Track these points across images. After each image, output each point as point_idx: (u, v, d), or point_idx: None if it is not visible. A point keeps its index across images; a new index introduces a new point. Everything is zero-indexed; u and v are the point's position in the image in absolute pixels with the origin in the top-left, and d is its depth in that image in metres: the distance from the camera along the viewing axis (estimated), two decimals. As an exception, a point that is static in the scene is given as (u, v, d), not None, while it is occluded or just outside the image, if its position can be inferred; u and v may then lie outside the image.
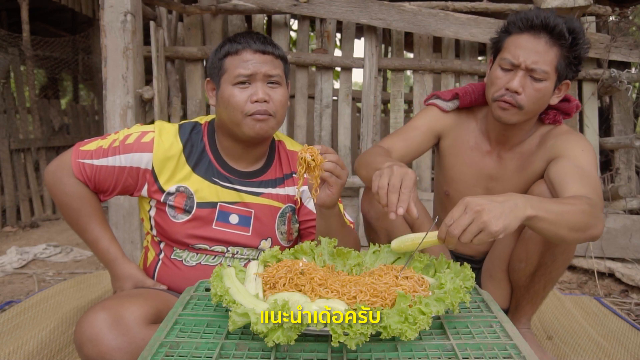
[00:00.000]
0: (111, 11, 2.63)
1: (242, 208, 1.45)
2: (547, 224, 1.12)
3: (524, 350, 0.87)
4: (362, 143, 3.07)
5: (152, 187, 1.41)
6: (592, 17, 2.94)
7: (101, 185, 1.42)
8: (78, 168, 1.39)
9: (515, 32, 1.43)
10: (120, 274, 1.45)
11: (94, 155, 1.39)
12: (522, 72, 1.40)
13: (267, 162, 1.52)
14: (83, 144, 1.43)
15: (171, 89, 3.04)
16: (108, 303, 1.19)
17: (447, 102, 1.66)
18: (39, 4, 5.40)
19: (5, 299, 2.42)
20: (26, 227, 4.07)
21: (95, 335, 1.11)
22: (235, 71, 1.35)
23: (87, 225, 1.44)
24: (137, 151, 1.39)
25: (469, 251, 1.74)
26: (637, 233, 2.75)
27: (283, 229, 1.51)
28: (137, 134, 1.42)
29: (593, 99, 2.96)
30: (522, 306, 1.62)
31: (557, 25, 1.37)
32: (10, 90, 4.68)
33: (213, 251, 1.45)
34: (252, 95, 1.34)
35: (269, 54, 1.38)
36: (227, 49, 1.38)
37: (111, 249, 1.45)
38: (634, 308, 2.37)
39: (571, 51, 1.41)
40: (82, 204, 1.42)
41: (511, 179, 1.59)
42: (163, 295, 1.37)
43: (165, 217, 1.42)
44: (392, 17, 2.88)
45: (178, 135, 1.43)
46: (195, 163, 1.43)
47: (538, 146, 1.54)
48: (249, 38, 1.38)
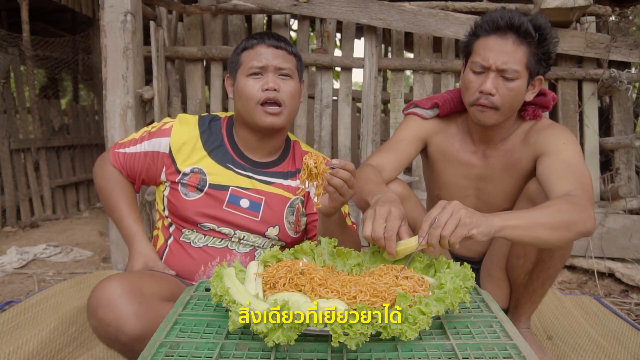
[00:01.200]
0: (111, 11, 2.63)
1: (253, 194, 1.52)
2: (521, 230, 1.16)
3: (524, 350, 0.88)
4: (362, 143, 3.07)
5: (169, 169, 1.51)
6: (592, 17, 2.94)
7: (132, 171, 1.56)
8: (114, 157, 1.57)
9: (483, 34, 1.45)
10: (136, 250, 1.52)
11: (127, 145, 1.57)
12: (493, 73, 1.42)
13: (282, 156, 1.60)
14: (121, 139, 1.61)
15: (171, 89, 3.04)
16: (125, 275, 1.23)
17: (426, 110, 1.68)
18: (39, 4, 5.40)
19: (5, 299, 2.43)
20: (26, 227, 4.07)
21: (113, 300, 1.13)
22: (250, 63, 1.46)
23: (116, 204, 1.56)
24: (157, 136, 1.53)
25: (468, 252, 1.75)
26: (637, 233, 2.75)
27: (291, 219, 1.56)
28: (161, 124, 1.57)
29: (593, 99, 2.96)
30: (522, 305, 1.63)
31: (522, 24, 1.39)
32: (10, 90, 4.68)
33: (220, 232, 1.49)
34: (264, 85, 1.44)
35: (282, 49, 1.47)
36: (244, 44, 1.50)
37: (133, 226, 1.55)
38: (634, 308, 2.37)
39: (540, 48, 1.43)
40: (115, 186, 1.56)
41: (500, 178, 1.60)
42: (174, 280, 1.43)
43: (178, 195, 1.50)
44: (392, 17, 2.88)
45: (197, 123, 1.55)
46: (212, 149, 1.53)
47: (522, 143, 1.56)
48: (264, 35, 1.49)
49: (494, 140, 1.59)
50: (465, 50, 1.53)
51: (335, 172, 1.19)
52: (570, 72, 2.93)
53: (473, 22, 1.52)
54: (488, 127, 1.54)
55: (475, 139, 1.62)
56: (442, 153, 1.67)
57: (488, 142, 1.60)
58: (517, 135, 1.58)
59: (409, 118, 1.71)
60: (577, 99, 2.97)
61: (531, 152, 1.52)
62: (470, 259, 1.74)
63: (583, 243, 2.77)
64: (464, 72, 1.52)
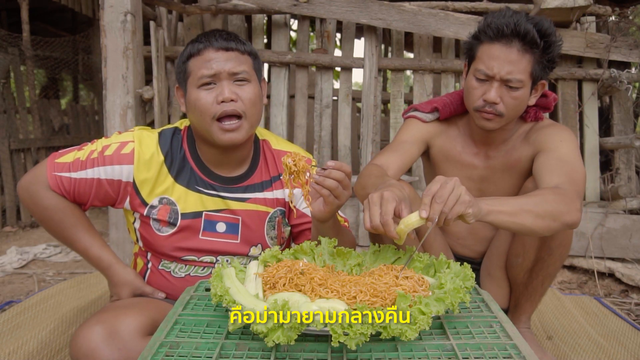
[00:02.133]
0: (111, 11, 2.63)
1: (228, 215, 1.40)
2: (507, 216, 1.16)
3: (524, 350, 0.87)
4: (362, 143, 3.07)
5: (134, 201, 1.36)
6: (592, 17, 2.94)
7: (80, 197, 1.35)
8: (55, 181, 1.32)
9: (487, 40, 1.42)
10: (117, 281, 1.41)
11: (72, 168, 1.33)
12: (497, 82, 1.41)
13: (252, 166, 1.46)
14: (58, 156, 1.36)
15: (171, 89, 3.04)
16: (103, 316, 1.17)
17: (426, 114, 1.67)
18: (39, 4, 5.40)
19: (5, 299, 2.42)
20: (26, 227, 4.06)
21: (92, 350, 1.11)
22: (199, 72, 1.28)
23: (74, 236, 1.37)
24: (117, 163, 1.33)
25: (469, 252, 1.75)
26: (637, 233, 2.75)
27: (273, 233, 1.46)
28: (116, 145, 1.35)
29: (593, 99, 2.96)
30: (522, 304, 1.63)
31: (528, 33, 1.36)
32: (10, 90, 4.68)
33: (202, 262, 1.42)
34: (218, 96, 1.27)
35: (232, 50, 1.30)
36: (189, 50, 1.31)
37: (103, 256, 1.39)
38: (634, 308, 2.37)
39: (544, 55, 1.41)
40: (64, 215, 1.35)
41: (501, 179, 1.61)
42: (159, 304, 1.35)
43: (150, 231, 1.38)
44: (392, 17, 2.88)
45: (159, 145, 1.37)
46: (177, 173, 1.38)
47: (522, 142, 1.57)
48: (211, 36, 1.31)
49: (496, 141, 1.60)
50: (468, 54, 1.51)
51: (328, 172, 1.13)
52: (570, 72, 2.93)
53: (477, 25, 1.49)
54: (490, 131, 1.54)
55: (477, 141, 1.63)
56: (445, 155, 1.67)
57: (490, 143, 1.61)
58: (518, 135, 1.59)
59: (409, 121, 1.70)
60: (577, 99, 2.97)
61: (530, 152, 1.52)
62: (470, 259, 1.74)
63: (583, 243, 2.77)
64: (467, 75, 1.52)
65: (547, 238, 1.46)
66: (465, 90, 1.53)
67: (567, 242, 1.50)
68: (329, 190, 1.15)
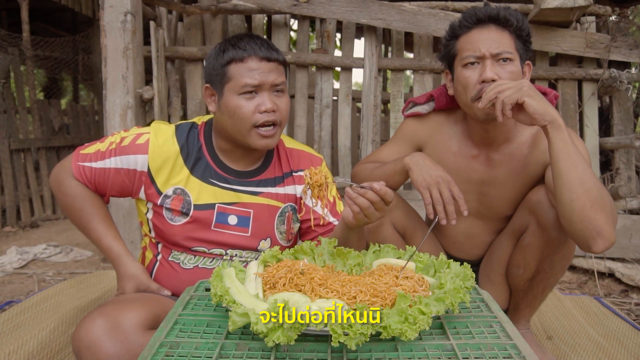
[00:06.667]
0: (111, 11, 2.63)
1: (240, 209, 1.44)
2: (568, 146, 1.22)
3: (524, 350, 0.87)
4: (362, 143, 3.07)
5: (149, 190, 1.41)
6: (592, 17, 2.94)
7: (101, 187, 1.43)
8: (78, 171, 1.41)
9: (464, 32, 1.45)
10: (123, 273, 1.43)
11: (93, 158, 1.41)
12: (489, 60, 1.40)
13: (265, 161, 1.50)
14: (83, 148, 1.45)
15: (171, 89, 3.04)
16: (106, 309, 1.18)
17: (423, 105, 1.66)
18: (39, 4, 5.40)
19: (5, 299, 2.42)
20: (26, 227, 4.07)
21: (93, 342, 1.11)
22: (242, 80, 1.32)
23: (89, 224, 1.44)
24: (132, 153, 1.39)
25: (464, 256, 1.73)
26: (637, 233, 2.75)
27: (282, 228, 1.49)
28: (132, 136, 1.41)
29: (593, 99, 2.96)
30: (521, 309, 1.62)
31: (499, 13, 1.41)
32: (10, 90, 4.68)
33: (211, 254, 1.44)
34: (260, 106, 1.33)
35: (274, 61, 1.35)
36: (232, 55, 1.33)
37: (114, 246, 1.43)
38: (634, 308, 2.37)
39: (520, 32, 1.44)
40: (84, 203, 1.43)
41: (506, 182, 1.55)
42: (163, 300, 1.35)
43: (163, 220, 1.41)
44: (392, 17, 2.88)
45: (175, 136, 1.42)
46: (193, 165, 1.42)
47: (531, 147, 1.52)
48: (254, 44, 1.34)
49: (497, 142, 1.53)
50: (448, 56, 1.50)
51: (364, 192, 1.14)
52: (570, 72, 2.93)
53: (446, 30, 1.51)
54: (489, 126, 1.49)
55: (477, 142, 1.56)
56: (437, 154, 1.61)
57: (491, 144, 1.54)
58: (523, 137, 1.53)
59: (405, 121, 1.71)
60: (577, 99, 2.97)
61: (541, 159, 1.48)
62: (467, 262, 1.72)
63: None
64: (455, 75, 1.48)
65: (550, 252, 1.43)
66: (459, 89, 1.47)
67: (569, 255, 1.47)
68: (360, 207, 1.17)
